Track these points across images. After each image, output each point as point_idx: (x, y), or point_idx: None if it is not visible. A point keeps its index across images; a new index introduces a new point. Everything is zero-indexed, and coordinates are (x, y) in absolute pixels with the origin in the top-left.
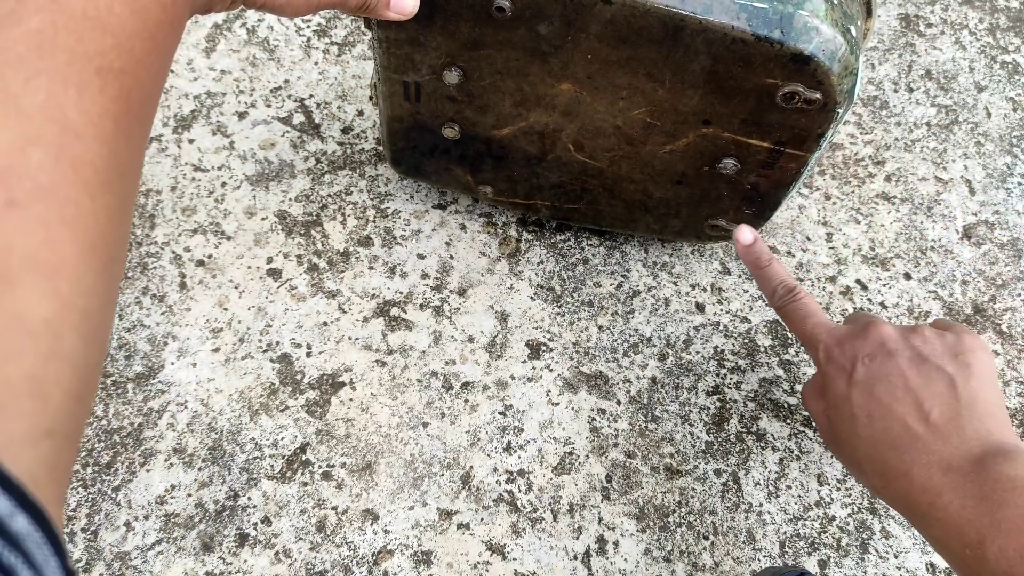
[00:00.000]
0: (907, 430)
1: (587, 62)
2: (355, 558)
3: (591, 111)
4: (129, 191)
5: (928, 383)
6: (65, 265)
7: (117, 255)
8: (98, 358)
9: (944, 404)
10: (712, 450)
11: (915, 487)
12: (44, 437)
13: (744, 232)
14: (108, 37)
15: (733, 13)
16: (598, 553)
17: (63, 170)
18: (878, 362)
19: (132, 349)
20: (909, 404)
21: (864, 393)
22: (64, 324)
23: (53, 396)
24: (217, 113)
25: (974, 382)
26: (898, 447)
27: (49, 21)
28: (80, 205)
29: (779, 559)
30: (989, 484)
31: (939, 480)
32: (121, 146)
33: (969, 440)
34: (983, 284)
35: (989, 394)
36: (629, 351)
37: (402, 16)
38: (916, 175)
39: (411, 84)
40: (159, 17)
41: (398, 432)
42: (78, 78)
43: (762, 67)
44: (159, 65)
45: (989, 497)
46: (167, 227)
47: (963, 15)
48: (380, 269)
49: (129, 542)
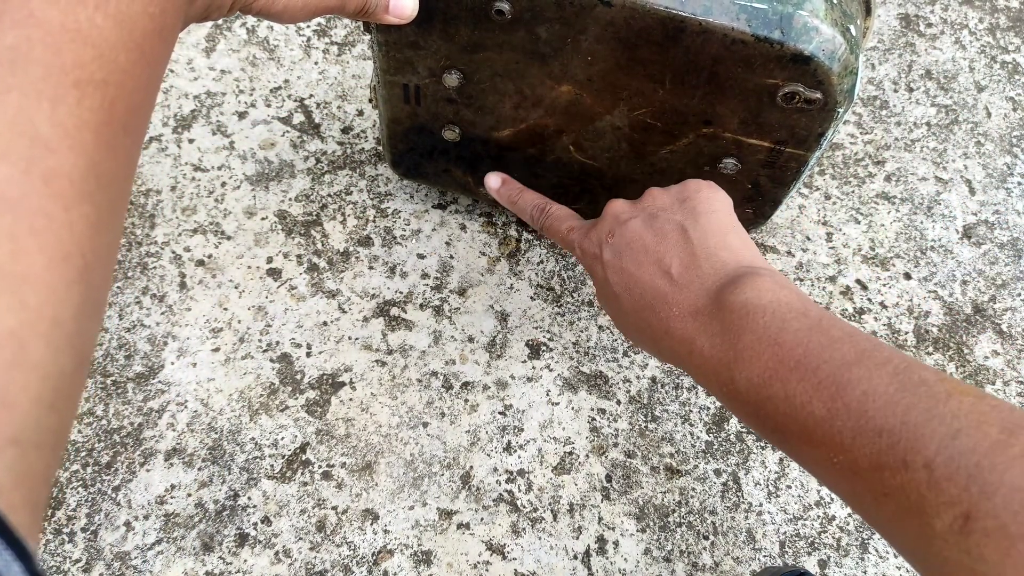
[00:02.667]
0: (656, 289)
1: (587, 64)
2: (355, 558)
3: (591, 112)
4: (114, 200)
5: (662, 238)
6: (32, 276)
7: (98, 263)
8: (74, 366)
9: (680, 253)
10: (712, 450)
11: (676, 340)
12: (8, 445)
13: (491, 178)
14: (88, 49)
15: (733, 14)
16: (598, 553)
17: (32, 183)
18: (617, 235)
19: (132, 349)
20: (651, 264)
21: (615, 270)
22: (31, 334)
23: (18, 404)
24: (217, 113)
25: (703, 220)
26: (655, 308)
27: (24, 36)
28: (52, 216)
29: (779, 559)
30: (727, 317)
31: (691, 327)
32: (103, 156)
33: (706, 279)
34: (983, 284)
35: (719, 226)
36: (629, 351)
37: (401, 20)
38: (916, 175)
39: (411, 87)
40: (146, 27)
41: (398, 432)
42: (53, 91)
43: (762, 67)
44: (148, 74)
45: (729, 330)
46: (167, 227)
47: (963, 15)
48: (380, 269)
49: (129, 542)
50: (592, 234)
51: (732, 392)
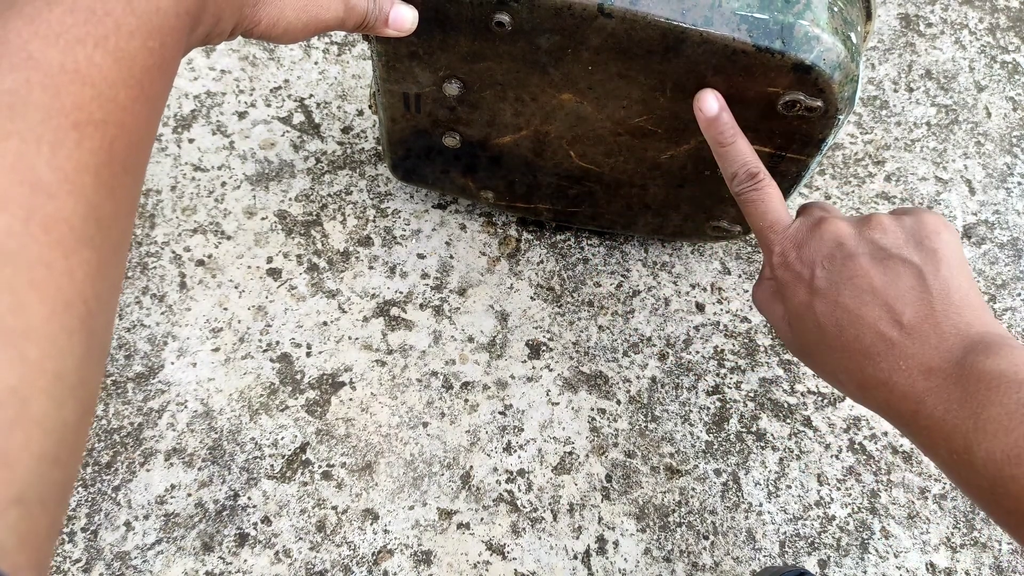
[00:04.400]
0: (881, 337)
1: (587, 73)
2: (355, 558)
3: (592, 119)
4: (115, 242)
5: (895, 281)
6: (32, 329)
7: (100, 308)
8: (78, 417)
9: (916, 302)
10: (712, 450)
11: (896, 395)
12: (12, 505)
13: (708, 99)
14: (87, 89)
15: (734, 24)
16: (598, 553)
17: (32, 232)
18: (838, 264)
19: (132, 349)
20: (879, 308)
21: (828, 302)
22: (32, 389)
23: (21, 462)
24: (217, 113)
25: (944, 270)
26: (873, 356)
27: (23, 79)
28: (52, 265)
29: (779, 559)
30: (972, 384)
31: (921, 385)
32: (103, 198)
33: (948, 338)
34: (983, 284)
35: (962, 281)
36: (629, 351)
37: (401, 33)
38: (916, 175)
39: (411, 95)
40: (146, 63)
41: (398, 432)
42: (52, 135)
43: (763, 77)
44: (148, 110)
45: (973, 398)
46: (167, 227)
47: (963, 15)
48: (380, 269)
49: (129, 542)
50: (805, 251)
51: (964, 463)
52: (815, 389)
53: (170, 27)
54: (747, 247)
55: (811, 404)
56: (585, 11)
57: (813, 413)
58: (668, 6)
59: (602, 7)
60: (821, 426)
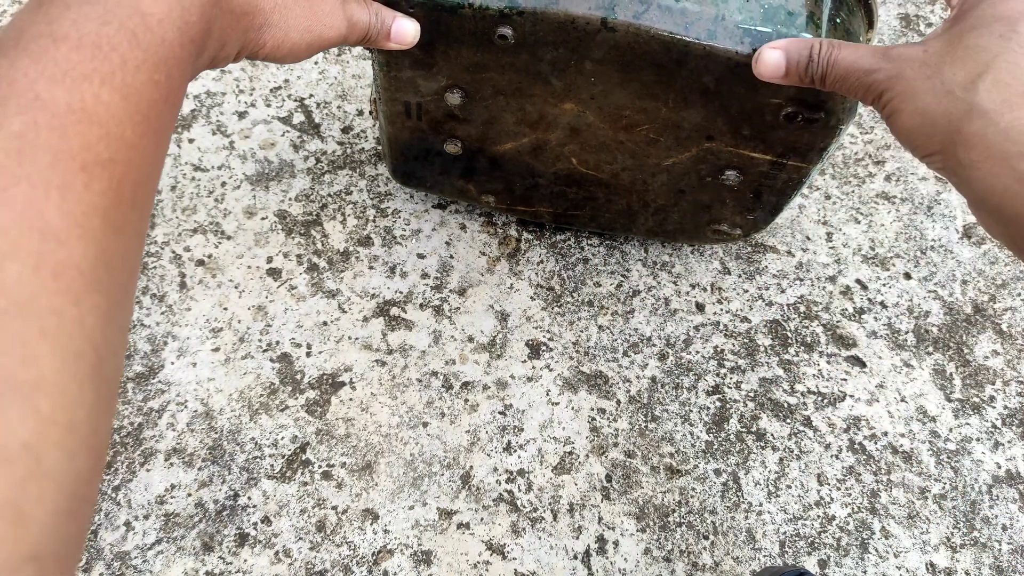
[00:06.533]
0: None
1: (590, 84)
2: (355, 558)
3: (594, 128)
4: (124, 284)
5: None
6: (45, 381)
7: (110, 353)
8: (90, 466)
9: None
10: (712, 450)
11: None
12: (27, 562)
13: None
14: (95, 128)
15: (737, 38)
16: (598, 553)
17: (42, 280)
18: None
19: (132, 349)
20: None
21: None
22: (46, 443)
23: (35, 518)
24: (217, 113)
25: None
26: None
27: (31, 121)
28: (63, 314)
29: (779, 559)
30: None
31: None
32: (111, 240)
33: None
34: (983, 284)
35: None
36: (629, 351)
37: (403, 46)
38: (916, 175)
39: (412, 104)
40: (152, 97)
41: (398, 432)
42: (61, 179)
43: (766, 88)
44: (155, 145)
45: None
46: (167, 227)
47: None
48: (380, 269)
49: (129, 542)
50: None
51: None
52: (815, 389)
53: (176, 58)
54: (747, 247)
55: (811, 404)
56: (589, 25)
57: (813, 413)
58: (671, 20)
59: (606, 21)
60: (821, 426)
